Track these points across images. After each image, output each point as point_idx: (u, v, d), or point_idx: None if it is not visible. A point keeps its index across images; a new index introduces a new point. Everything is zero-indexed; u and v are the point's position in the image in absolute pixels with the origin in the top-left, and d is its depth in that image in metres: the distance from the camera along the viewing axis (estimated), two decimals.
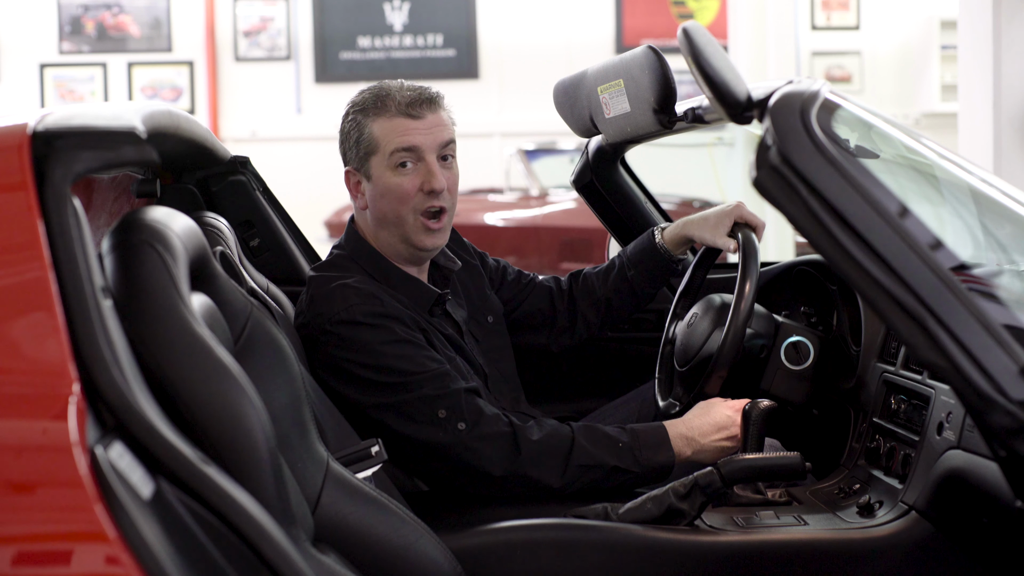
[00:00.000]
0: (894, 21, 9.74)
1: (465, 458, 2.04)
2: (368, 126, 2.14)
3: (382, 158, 2.13)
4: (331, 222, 8.29)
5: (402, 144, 2.11)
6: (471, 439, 2.03)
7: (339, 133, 2.21)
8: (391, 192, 2.13)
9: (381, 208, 2.15)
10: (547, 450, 2.04)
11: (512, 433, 2.04)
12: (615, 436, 2.08)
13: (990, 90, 4.32)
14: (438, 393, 2.04)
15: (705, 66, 1.56)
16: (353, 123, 2.16)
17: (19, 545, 1.14)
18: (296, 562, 1.24)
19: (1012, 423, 1.30)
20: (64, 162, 1.24)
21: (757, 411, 2.07)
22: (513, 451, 2.03)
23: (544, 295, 2.49)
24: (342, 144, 2.20)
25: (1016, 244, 1.86)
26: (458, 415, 2.03)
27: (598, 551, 1.86)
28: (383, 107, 2.13)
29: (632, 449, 2.07)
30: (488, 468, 2.03)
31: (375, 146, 2.13)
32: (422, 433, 2.04)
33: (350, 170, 2.19)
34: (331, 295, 2.09)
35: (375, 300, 2.08)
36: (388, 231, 2.17)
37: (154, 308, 1.29)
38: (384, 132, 2.12)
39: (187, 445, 1.23)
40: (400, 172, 2.12)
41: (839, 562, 1.87)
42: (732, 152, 7.06)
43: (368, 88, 2.19)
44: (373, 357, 2.05)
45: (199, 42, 9.83)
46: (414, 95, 2.13)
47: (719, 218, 2.34)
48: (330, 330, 2.06)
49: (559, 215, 7.60)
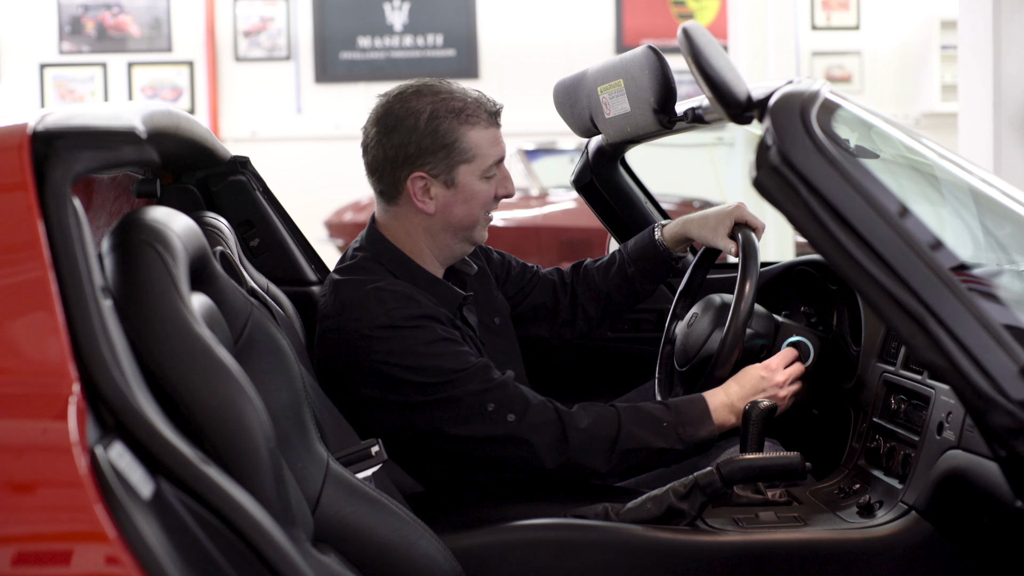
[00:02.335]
0: (894, 21, 9.74)
1: (516, 451, 2.04)
2: (465, 134, 2.09)
3: (477, 167, 2.11)
4: (331, 222, 8.29)
5: (499, 155, 2.13)
6: (521, 430, 2.03)
7: (404, 132, 2.09)
8: (476, 198, 2.13)
9: (457, 213, 2.13)
10: (595, 437, 2.05)
11: (560, 421, 2.04)
12: (658, 416, 2.09)
13: (990, 90, 4.32)
14: (484, 387, 2.03)
15: (705, 66, 1.56)
16: (444, 128, 2.08)
17: (19, 545, 1.14)
18: (296, 562, 1.24)
19: (1012, 423, 1.30)
20: (64, 162, 1.24)
21: (757, 411, 2.07)
22: (562, 441, 2.04)
23: (547, 288, 2.50)
24: (411, 146, 2.09)
25: (1016, 244, 1.86)
26: (506, 407, 2.03)
27: (598, 551, 1.86)
28: (476, 115, 2.10)
29: (675, 427, 2.08)
30: (539, 461, 2.04)
31: (471, 155, 2.10)
32: (473, 429, 2.03)
33: (423, 175, 2.10)
34: (366, 299, 2.06)
35: (412, 302, 2.06)
36: (450, 234, 2.16)
37: (154, 308, 1.29)
38: (482, 142, 2.11)
39: (187, 445, 1.23)
40: (487, 180, 2.13)
41: (839, 562, 1.87)
42: (732, 152, 7.05)
43: (427, 87, 2.11)
44: (417, 359, 2.03)
45: (199, 42, 9.83)
46: (494, 103, 2.14)
47: (719, 218, 2.34)
48: (370, 335, 2.04)
49: (559, 215, 7.60)
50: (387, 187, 2.16)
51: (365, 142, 2.17)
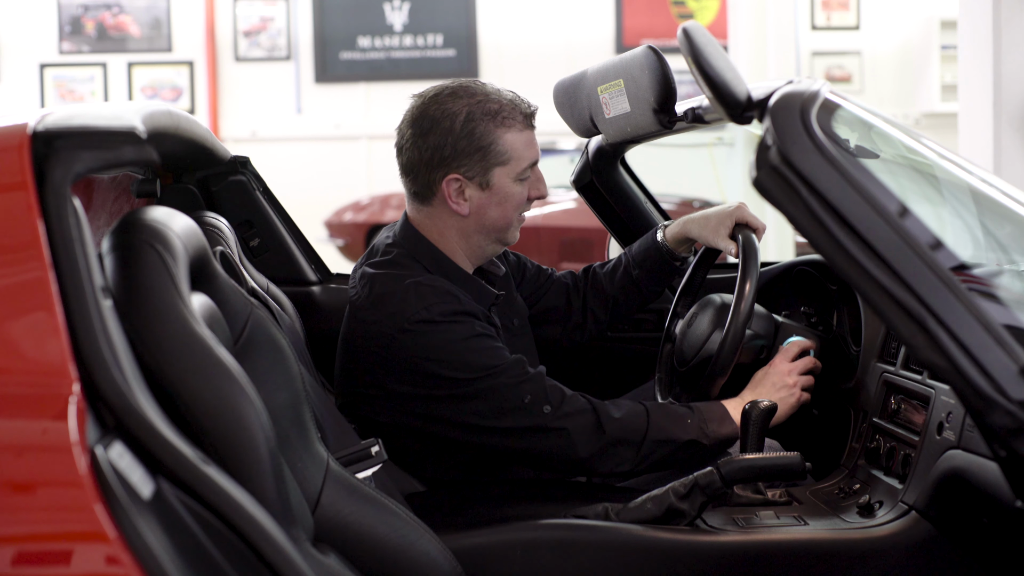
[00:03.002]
0: (894, 21, 9.74)
1: (553, 441, 2.05)
2: (501, 137, 2.09)
3: (512, 170, 2.12)
4: (331, 222, 8.30)
5: (534, 158, 2.14)
6: (557, 420, 2.04)
7: (439, 134, 2.08)
8: (510, 200, 2.14)
9: (492, 215, 2.14)
10: (628, 427, 2.07)
11: (594, 411, 2.07)
12: (682, 412, 2.12)
13: (990, 90, 4.32)
14: (520, 380, 2.05)
15: (705, 66, 1.56)
16: (480, 131, 2.08)
17: (19, 545, 1.14)
18: (296, 562, 1.24)
19: (1012, 423, 1.30)
20: (64, 162, 1.24)
21: (757, 411, 2.07)
22: (597, 430, 2.05)
23: (561, 291, 2.51)
24: (447, 148, 2.08)
25: (1016, 244, 1.86)
26: (542, 398, 2.04)
27: (598, 551, 1.86)
28: (512, 117, 2.11)
29: (700, 424, 2.11)
30: (575, 450, 2.05)
31: (507, 158, 2.10)
32: (510, 421, 2.04)
33: (457, 176, 2.10)
34: (405, 293, 2.06)
35: (452, 297, 2.07)
36: (483, 235, 2.17)
37: (154, 308, 1.29)
38: (517, 145, 2.11)
39: (187, 445, 1.23)
40: (521, 182, 2.14)
41: (839, 562, 1.87)
42: (732, 152, 7.06)
43: (463, 89, 2.11)
44: (454, 354, 2.04)
45: (199, 42, 9.83)
46: (529, 105, 2.15)
47: (720, 219, 2.34)
48: (409, 329, 2.04)
49: (559, 215, 7.60)
50: (421, 188, 2.15)
51: (400, 143, 2.16)
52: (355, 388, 2.12)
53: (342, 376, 2.17)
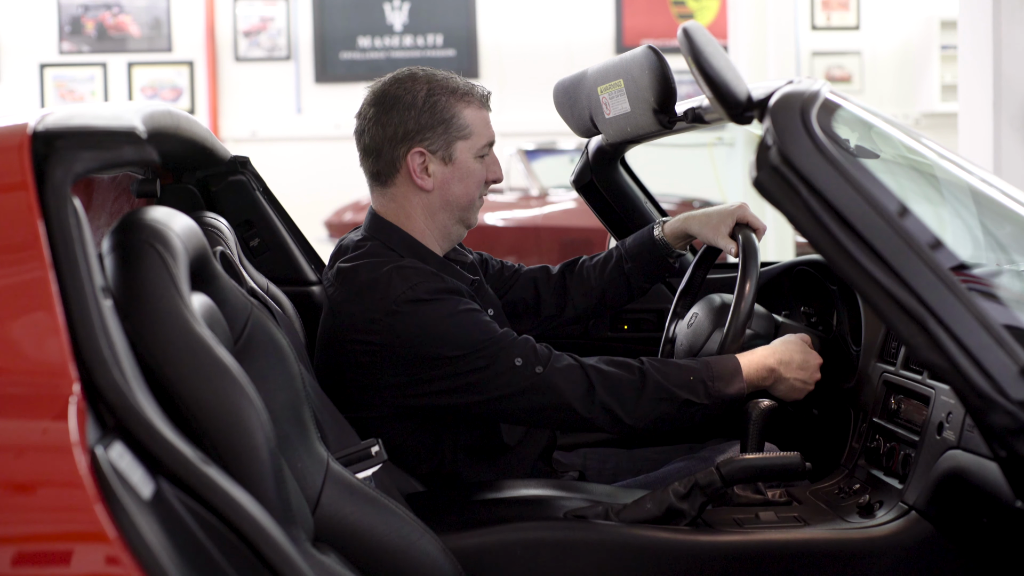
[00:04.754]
0: (894, 21, 9.74)
1: (546, 398, 2.05)
2: (462, 111, 2.15)
3: (472, 145, 2.16)
4: (331, 222, 8.29)
5: (491, 137, 2.20)
6: (548, 376, 2.05)
7: (402, 109, 2.13)
8: (471, 177, 2.18)
9: (455, 191, 2.17)
10: (619, 380, 2.07)
11: (581, 366, 2.07)
12: (687, 367, 2.11)
13: (990, 90, 4.32)
14: (510, 345, 2.06)
15: (705, 66, 1.56)
16: (441, 104, 2.14)
17: (19, 545, 1.14)
18: (296, 562, 1.24)
19: (1012, 423, 1.30)
20: (64, 162, 1.24)
21: (757, 411, 2.07)
22: (587, 382, 2.05)
23: (528, 285, 2.51)
24: (410, 122, 2.13)
25: (1016, 244, 1.86)
26: (533, 360, 2.05)
27: (598, 551, 1.86)
28: (470, 96, 2.17)
29: (704, 380, 2.08)
30: (570, 405, 2.05)
31: (468, 132, 2.15)
32: (503, 386, 2.05)
33: (422, 150, 2.15)
34: (388, 278, 2.08)
35: (435, 277, 2.09)
36: (448, 213, 2.19)
37: (154, 308, 1.29)
38: (476, 121, 2.17)
39: (187, 445, 1.23)
40: (480, 161, 2.18)
41: (839, 562, 1.88)
42: (732, 152, 7.06)
43: (420, 72, 2.18)
44: (447, 330, 2.05)
45: (199, 42, 9.83)
46: (484, 89, 2.21)
47: (721, 218, 2.34)
48: (397, 310, 2.04)
49: (559, 215, 7.60)
50: (384, 166, 2.18)
51: (361, 126, 2.19)
52: (341, 389, 2.11)
53: (322, 379, 2.15)
